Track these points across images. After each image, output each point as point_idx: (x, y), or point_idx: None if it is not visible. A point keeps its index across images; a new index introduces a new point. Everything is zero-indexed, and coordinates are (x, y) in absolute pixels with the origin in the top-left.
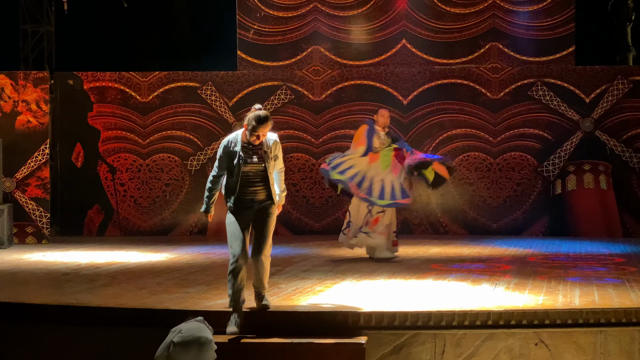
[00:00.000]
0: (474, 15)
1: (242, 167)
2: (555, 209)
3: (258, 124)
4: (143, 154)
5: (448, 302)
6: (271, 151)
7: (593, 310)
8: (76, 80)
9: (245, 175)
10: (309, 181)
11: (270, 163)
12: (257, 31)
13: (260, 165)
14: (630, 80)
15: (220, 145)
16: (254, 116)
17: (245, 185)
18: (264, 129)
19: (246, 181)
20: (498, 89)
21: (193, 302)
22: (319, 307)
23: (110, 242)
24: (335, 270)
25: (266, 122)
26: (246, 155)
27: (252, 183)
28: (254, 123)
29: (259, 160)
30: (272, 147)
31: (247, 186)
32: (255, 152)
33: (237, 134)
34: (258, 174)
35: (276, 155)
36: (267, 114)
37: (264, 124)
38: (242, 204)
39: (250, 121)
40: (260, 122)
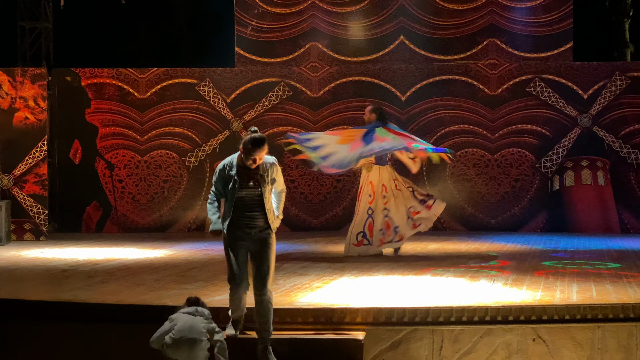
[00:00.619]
0: (471, 12)
1: (237, 192)
2: (553, 205)
3: (254, 147)
4: (141, 150)
5: (446, 298)
6: (268, 175)
7: (591, 305)
8: (74, 76)
9: (240, 200)
10: (307, 178)
11: (266, 187)
12: (255, 27)
13: (256, 190)
14: (628, 76)
15: (216, 170)
16: (250, 139)
17: (241, 210)
18: (261, 152)
19: (242, 206)
20: (496, 85)
21: None
22: (317, 303)
23: (108, 238)
24: (333, 267)
25: (262, 145)
26: (241, 179)
27: (248, 208)
28: (250, 146)
29: (254, 184)
30: (269, 171)
31: (243, 211)
32: (251, 176)
33: (233, 157)
34: (254, 199)
35: (274, 178)
36: (264, 136)
37: (260, 148)
38: (238, 231)
39: (246, 144)
40: (256, 145)
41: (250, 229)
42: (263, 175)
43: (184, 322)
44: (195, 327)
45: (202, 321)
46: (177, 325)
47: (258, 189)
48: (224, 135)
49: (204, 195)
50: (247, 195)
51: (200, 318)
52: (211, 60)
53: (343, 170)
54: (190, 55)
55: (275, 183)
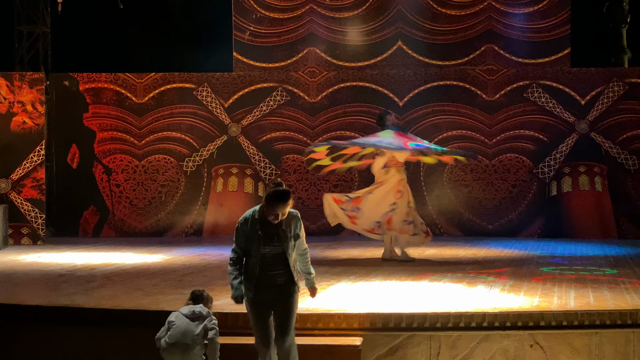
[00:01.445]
0: (469, 17)
1: (260, 249)
2: (550, 210)
3: (278, 202)
4: (139, 155)
5: (443, 304)
6: (291, 230)
7: (588, 312)
8: (72, 81)
9: (263, 258)
10: (305, 182)
11: (289, 243)
12: (253, 33)
13: (279, 247)
14: (625, 82)
15: (237, 223)
16: (274, 193)
17: (264, 268)
18: (284, 208)
19: (265, 264)
20: (494, 90)
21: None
22: (314, 308)
23: (105, 243)
24: (331, 272)
25: (287, 200)
26: (265, 235)
27: (270, 266)
28: (274, 201)
29: (277, 240)
30: (292, 225)
31: (265, 270)
32: (274, 232)
33: (255, 210)
34: (277, 256)
35: (297, 234)
36: (288, 191)
37: (285, 203)
38: (261, 289)
39: (270, 199)
40: (280, 200)
41: (271, 287)
42: (286, 230)
43: (179, 327)
44: (189, 332)
45: (197, 325)
46: (171, 330)
47: (281, 246)
48: (222, 140)
49: (201, 200)
50: (270, 252)
51: (196, 322)
52: (209, 65)
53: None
54: (188, 60)
55: (298, 240)
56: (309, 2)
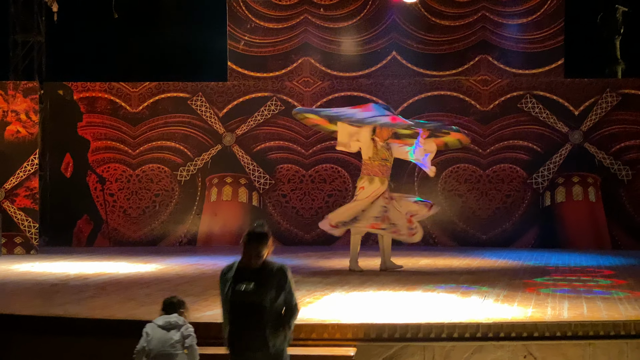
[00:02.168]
0: (463, 28)
1: (230, 297)
2: (544, 220)
3: (250, 240)
4: (133, 164)
5: (437, 314)
6: (272, 282)
7: (582, 322)
8: (66, 90)
9: (236, 308)
10: (299, 192)
11: (267, 295)
12: (248, 42)
13: (253, 296)
14: (619, 93)
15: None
16: (248, 232)
17: (239, 325)
18: (259, 248)
19: (239, 320)
20: (488, 101)
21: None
22: (308, 318)
23: (99, 252)
24: (324, 282)
25: (260, 240)
26: (237, 280)
27: (246, 323)
28: (246, 239)
29: (253, 288)
30: (275, 276)
31: (240, 328)
32: (251, 277)
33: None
34: (251, 308)
35: (281, 286)
36: (264, 230)
37: (258, 242)
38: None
39: (244, 237)
40: (252, 239)
41: (250, 352)
42: (267, 279)
43: (157, 339)
44: (168, 341)
45: (174, 334)
46: (151, 343)
47: (257, 296)
48: (216, 149)
49: (195, 209)
50: (242, 302)
51: (173, 331)
52: (203, 74)
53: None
54: (182, 70)
55: (282, 295)
56: (304, 12)
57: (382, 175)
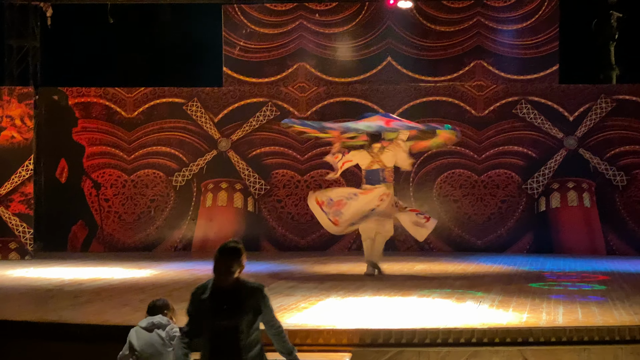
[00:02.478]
0: (459, 34)
1: (213, 323)
2: (539, 226)
3: (221, 255)
4: (128, 169)
5: (432, 320)
6: (248, 304)
7: (576, 328)
8: (61, 95)
9: (216, 337)
10: (295, 197)
11: (243, 318)
12: (243, 48)
13: (230, 321)
14: (613, 98)
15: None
16: (219, 247)
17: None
18: (229, 263)
19: (212, 345)
20: (483, 106)
21: (176, 319)
22: (303, 324)
23: (94, 258)
24: (320, 287)
25: (231, 255)
26: (213, 305)
27: (218, 349)
28: (217, 253)
29: (229, 314)
30: (252, 297)
31: (214, 355)
32: (225, 299)
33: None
34: (228, 334)
35: (258, 308)
36: (237, 247)
37: (228, 257)
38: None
39: (215, 254)
40: (223, 253)
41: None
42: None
43: (144, 341)
44: (154, 340)
45: (160, 332)
46: (137, 346)
47: (233, 320)
48: (211, 154)
49: (190, 215)
50: (219, 326)
51: (159, 330)
52: (199, 79)
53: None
54: (178, 75)
55: (261, 317)
56: (299, 17)
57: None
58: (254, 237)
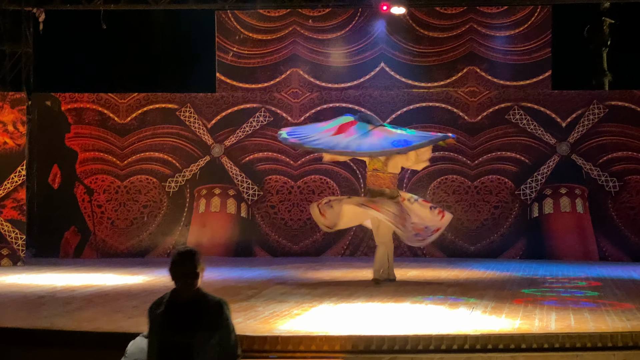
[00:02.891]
0: (452, 40)
1: (158, 338)
2: (532, 232)
3: (180, 258)
4: (121, 175)
5: (425, 326)
6: (205, 319)
7: (569, 334)
8: (54, 101)
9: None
10: (288, 203)
11: (198, 335)
12: (236, 53)
13: (183, 337)
14: (606, 104)
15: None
16: (173, 254)
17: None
18: (193, 264)
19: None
20: (476, 112)
21: None
22: (296, 330)
23: (86, 264)
24: (313, 294)
25: (192, 256)
26: (165, 319)
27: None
28: (177, 259)
29: (182, 329)
30: (210, 313)
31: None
32: (181, 314)
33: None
34: (181, 352)
35: (215, 324)
36: (191, 250)
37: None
38: None
39: (173, 259)
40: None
41: None
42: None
43: (136, 347)
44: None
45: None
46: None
47: (187, 337)
48: (205, 160)
49: (183, 221)
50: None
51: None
52: (192, 85)
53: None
54: (171, 81)
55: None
56: (292, 23)
57: (372, 185)
58: (247, 243)
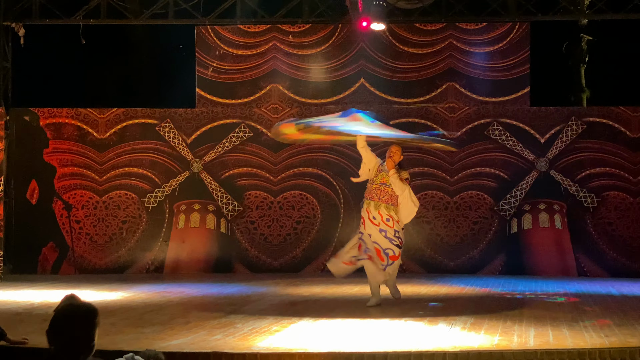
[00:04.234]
0: (431, 56)
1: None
2: (511, 247)
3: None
4: (99, 190)
5: (404, 343)
6: None
7: (547, 350)
8: (32, 116)
9: None
10: (267, 219)
11: None
12: (216, 69)
13: None
14: (584, 121)
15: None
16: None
17: None
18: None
19: None
20: (455, 128)
21: (147, 342)
22: (275, 347)
23: (64, 280)
24: (292, 310)
25: (88, 317)
26: None
27: None
28: (60, 321)
29: None
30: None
31: None
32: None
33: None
34: None
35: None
36: (88, 305)
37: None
38: None
39: (55, 319)
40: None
41: None
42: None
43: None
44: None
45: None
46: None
47: None
48: (184, 176)
49: (162, 236)
50: None
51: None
52: (172, 101)
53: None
54: (150, 96)
55: None
56: (272, 39)
57: (378, 199)
58: (226, 258)
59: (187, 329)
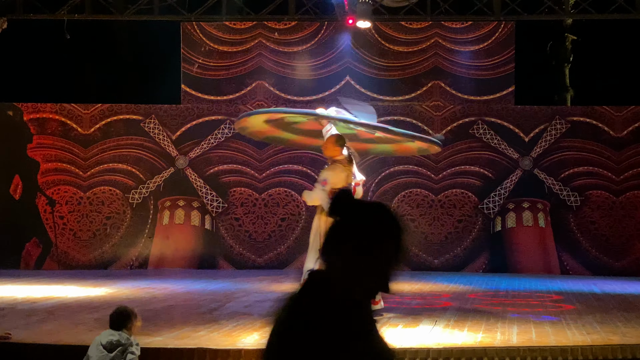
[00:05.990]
0: (416, 54)
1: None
2: (495, 245)
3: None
4: (84, 186)
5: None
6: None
7: (530, 348)
8: (16, 111)
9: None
10: (252, 216)
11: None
12: (202, 65)
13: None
14: (567, 120)
15: None
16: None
17: None
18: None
19: None
20: (440, 126)
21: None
22: (260, 344)
23: (47, 276)
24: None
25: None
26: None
27: None
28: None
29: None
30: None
31: None
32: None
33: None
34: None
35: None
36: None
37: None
38: None
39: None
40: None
41: None
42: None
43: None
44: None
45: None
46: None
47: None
48: (169, 172)
49: (147, 232)
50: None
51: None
52: (157, 97)
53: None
54: (135, 92)
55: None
56: (258, 36)
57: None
58: (210, 255)
59: (171, 325)
